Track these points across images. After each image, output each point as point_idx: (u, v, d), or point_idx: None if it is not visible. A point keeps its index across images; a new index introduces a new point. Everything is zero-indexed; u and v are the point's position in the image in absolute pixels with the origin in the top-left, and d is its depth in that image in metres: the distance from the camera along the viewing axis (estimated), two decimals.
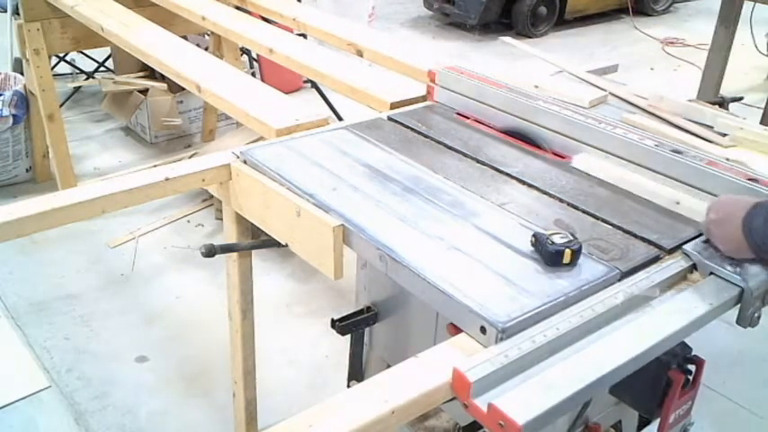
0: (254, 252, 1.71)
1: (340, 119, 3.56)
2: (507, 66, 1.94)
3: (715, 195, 1.34)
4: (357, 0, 5.37)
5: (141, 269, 2.95)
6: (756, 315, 1.19)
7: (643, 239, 1.28)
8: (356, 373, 1.76)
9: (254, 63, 4.43)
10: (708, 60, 3.80)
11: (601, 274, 1.16)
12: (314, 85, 3.99)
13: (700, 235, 1.29)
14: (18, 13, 3.08)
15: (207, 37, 3.89)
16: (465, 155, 1.59)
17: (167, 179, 1.48)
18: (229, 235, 1.66)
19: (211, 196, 2.44)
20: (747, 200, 1.19)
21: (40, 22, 3.05)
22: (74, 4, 2.76)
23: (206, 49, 3.65)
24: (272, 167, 1.47)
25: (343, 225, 1.29)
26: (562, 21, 6.92)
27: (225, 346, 1.89)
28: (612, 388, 1.19)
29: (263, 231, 1.52)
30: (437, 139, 1.67)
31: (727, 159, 1.47)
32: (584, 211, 1.37)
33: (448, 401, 1.02)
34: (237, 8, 2.83)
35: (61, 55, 4.41)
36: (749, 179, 1.36)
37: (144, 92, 3.93)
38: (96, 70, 4.52)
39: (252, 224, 1.58)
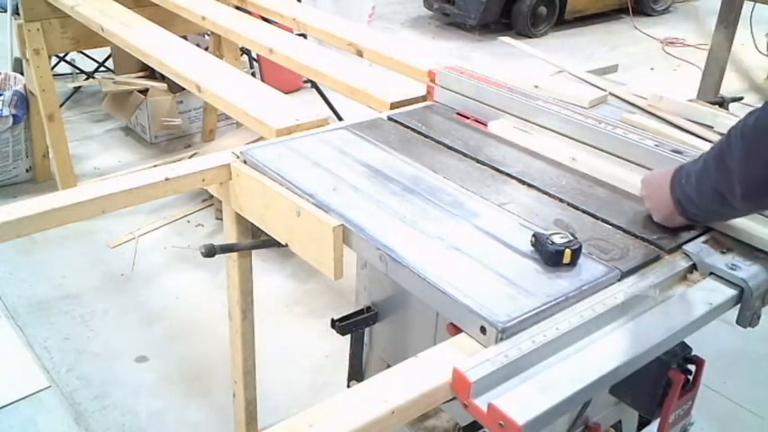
0: (254, 252, 1.71)
1: (340, 119, 3.56)
2: (507, 66, 1.94)
3: None
4: (357, 0, 5.37)
5: (141, 269, 2.95)
6: (756, 315, 1.19)
7: (643, 239, 1.27)
8: (356, 373, 1.76)
9: (254, 63, 4.43)
10: (708, 60, 3.80)
11: (601, 274, 1.16)
12: (314, 85, 3.99)
13: (700, 235, 1.29)
14: (18, 13, 3.08)
15: (207, 37, 3.89)
16: (465, 155, 1.59)
17: (167, 179, 1.48)
18: (229, 235, 1.66)
19: (211, 196, 2.44)
20: (670, 169, 1.27)
21: (40, 22, 3.05)
22: (74, 4, 2.76)
23: (206, 49, 3.65)
24: (272, 167, 1.47)
25: (343, 225, 1.29)
26: (562, 21, 6.92)
27: (225, 346, 1.89)
28: (612, 388, 1.19)
29: (263, 231, 1.52)
30: (437, 139, 1.67)
31: None
32: (584, 211, 1.37)
33: (448, 401, 1.01)
34: (237, 8, 2.83)
35: (61, 55, 4.41)
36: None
37: (144, 92, 3.92)
38: (96, 70, 4.52)
39: (252, 224, 1.58)
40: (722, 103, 1.89)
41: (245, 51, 4.22)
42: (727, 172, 1.10)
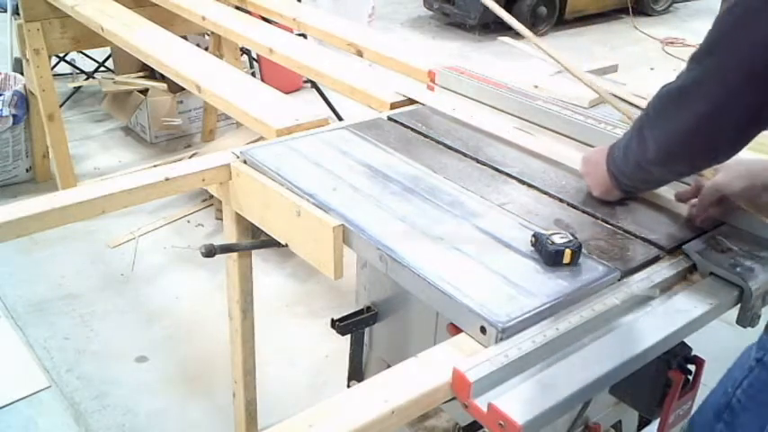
0: (254, 252, 1.71)
1: (340, 119, 3.56)
2: (507, 66, 1.94)
3: None
4: (357, 0, 5.37)
5: (141, 269, 2.95)
6: (756, 315, 1.19)
7: (643, 239, 1.27)
8: (356, 373, 1.76)
9: (254, 63, 4.43)
10: None
11: (601, 275, 1.16)
12: (314, 85, 3.99)
13: (700, 235, 1.29)
14: (18, 13, 3.08)
15: (207, 37, 3.89)
16: (465, 155, 1.59)
17: (167, 179, 1.48)
18: (229, 235, 1.66)
19: (211, 196, 2.44)
20: (606, 147, 1.34)
21: (40, 22, 3.05)
22: (74, 4, 2.76)
23: (206, 49, 3.65)
24: (272, 167, 1.47)
25: (343, 225, 1.29)
26: (562, 21, 6.92)
27: (225, 346, 1.89)
28: (612, 388, 1.19)
29: (263, 231, 1.52)
30: (437, 139, 1.67)
31: None
32: (584, 211, 1.37)
33: (448, 401, 1.02)
34: (237, 8, 2.83)
35: (61, 55, 4.41)
36: None
37: (144, 92, 3.92)
38: (96, 70, 4.51)
39: (252, 224, 1.58)
40: None
41: (245, 51, 4.22)
42: (644, 141, 1.18)
